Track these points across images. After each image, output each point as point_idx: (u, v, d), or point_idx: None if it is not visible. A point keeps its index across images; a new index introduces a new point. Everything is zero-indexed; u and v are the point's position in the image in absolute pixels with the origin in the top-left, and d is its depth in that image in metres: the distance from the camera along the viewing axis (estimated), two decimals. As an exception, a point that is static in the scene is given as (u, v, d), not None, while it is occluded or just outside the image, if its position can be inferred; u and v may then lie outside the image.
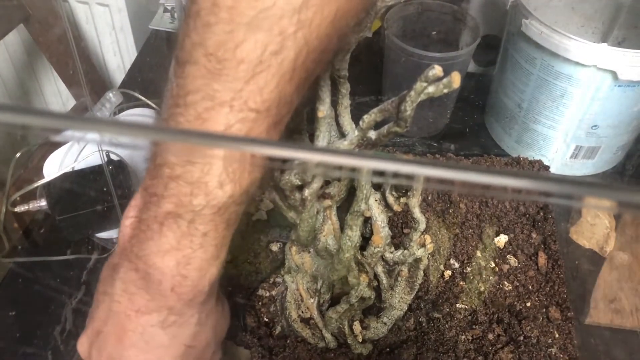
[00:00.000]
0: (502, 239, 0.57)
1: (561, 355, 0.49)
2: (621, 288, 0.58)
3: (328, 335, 0.49)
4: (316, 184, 0.38)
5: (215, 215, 0.32)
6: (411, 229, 0.45)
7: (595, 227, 0.64)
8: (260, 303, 0.54)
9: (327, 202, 0.44)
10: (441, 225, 0.59)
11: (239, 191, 0.31)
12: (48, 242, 0.63)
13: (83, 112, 0.80)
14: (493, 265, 0.56)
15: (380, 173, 0.40)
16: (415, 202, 0.43)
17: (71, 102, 1.08)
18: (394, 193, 0.45)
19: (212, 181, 0.31)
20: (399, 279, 0.49)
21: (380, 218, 0.46)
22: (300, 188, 0.40)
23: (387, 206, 0.46)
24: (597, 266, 0.61)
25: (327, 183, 0.45)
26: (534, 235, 0.58)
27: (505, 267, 0.56)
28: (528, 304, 0.53)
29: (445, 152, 0.69)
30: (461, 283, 0.54)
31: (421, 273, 0.49)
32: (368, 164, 0.17)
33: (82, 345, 0.37)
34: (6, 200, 0.61)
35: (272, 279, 0.55)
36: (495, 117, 0.74)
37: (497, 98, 0.73)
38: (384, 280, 0.49)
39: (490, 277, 0.55)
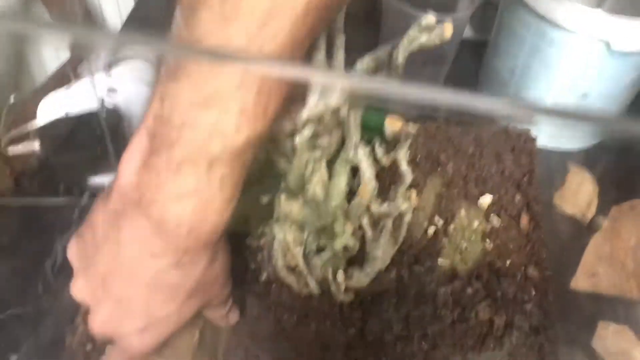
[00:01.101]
0: (486, 200, 0.58)
1: (536, 311, 0.50)
2: (605, 257, 0.60)
3: (312, 283, 0.50)
4: (307, 132, 0.39)
5: (233, 159, 0.32)
6: (397, 182, 0.46)
7: (578, 194, 0.66)
8: (247, 251, 0.55)
9: (318, 153, 0.45)
10: (427, 184, 0.60)
11: (255, 135, 0.32)
12: (39, 186, 0.64)
13: (79, 62, 0.79)
14: (476, 224, 0.57)
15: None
16: (402, 155, 0.44)
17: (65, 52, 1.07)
18: (382, 147, 0.46)
19: (229, 126, 0.31)
20: (384, 231, 0.50)
21: (368, 171, 0.47)
22: (292, 136, 0.41)
23: (376, 160, 0.47)
24: (579, 231, 0.63)
25: (318, 135, 0.46)
26: (517, 197, 0.59)
27: (488, 227, 0.57)
28: (508, 263, 0.54)
29: (435, 115, 0.70)
30: (444, 240, 0.56)
31: (405, 227, 0.51)
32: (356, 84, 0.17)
33: (80, 290, 0.38)
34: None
35: (260, 230, 0.56)
36: (488, 84, 0.75)
37: (491, 65, 0.73)
38: (368, 232, 0.51)
39: (473, 236, 0.56)
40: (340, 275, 0.51)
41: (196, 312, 0.40)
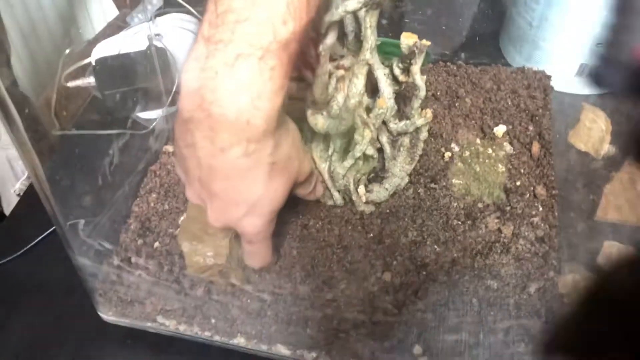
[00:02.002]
0: (500, 129, 0.63)
1: (542, 224, 0.55)
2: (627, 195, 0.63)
3: (336, 194, 0.56)
4: (329, 40, 0.44)
5: (280, 50, 0.37)
6: (412, 96, 0.51)
7: (591, 130, 0.69)
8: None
9: (341, 72, 0.50)
10: (446, 114, 0.65)
11: (299, 28, 0.37)
12: (94, 119, 0.71)
13: (127, 14, 0.86)
14: (490, 151, 0.62)
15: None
16: (416, 69, 0.49)
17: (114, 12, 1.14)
18: (400, 65, 0.51)
19: (277, 19, 0.36)
20: (401, 149, 0.56)
21: (387, 91, 0.52)
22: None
23: (395, 80, 0.52)
24: (590, 167, 0.66)
25: (342, 58, 0.51)
26: (530, 127, 0.63)
27: (501, 153, 0.61)
28: (518, 183, 0.58)
29: (456, 60, 0.74)
30: (459, 164, 0.61)
31: (421, 144, 0.56)
32: None
33: (192, 196, 0.45)
34: (60, 74, 0.68)
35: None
36: (508, 36, 0.79)
37: (511, 17, 0.77)
38: (387, 149, 0.56)
39: (487, 160, 0.61)
40: (362, 189, 0.56)
41: (288, 188, 0.44)
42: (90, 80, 0.69)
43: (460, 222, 0.55)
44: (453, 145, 0.62)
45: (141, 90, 0.69)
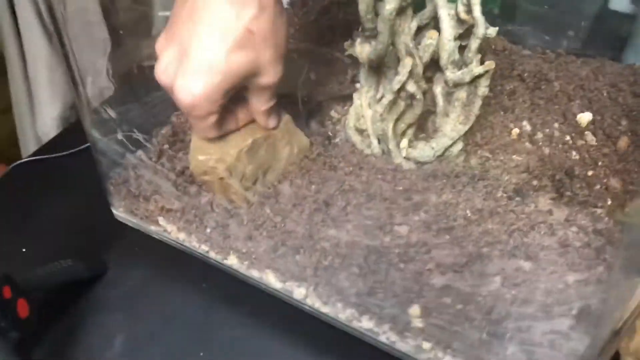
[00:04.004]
0: (585, 117, 0.54)
1: (606, 218, 0.46)
2: None
3: (375, 141, 0.52)
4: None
5: None
6: (471, 35, 0.45)
7: None
8: (330, 121, 0.58)
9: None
10: (526, 94, 0.58)
11: None
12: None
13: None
14: (568, 138, 0.54)
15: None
16: (476, 0, 0.43)
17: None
18: (465, 1, 0.46)
19: None
20: (456, 103, 0.50)
21: (448, 32, 0.47)
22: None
23: (460, 21, 0.47)
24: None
25: None
26: (624, 122, 0.54)
27: (580, 143, 0.53)
28: (590, 173, 0.50)
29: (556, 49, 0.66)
30: (527, 144, 0.53)
31: (479, 102, 0.49)
32: None
33: (160, 42, 0.42)
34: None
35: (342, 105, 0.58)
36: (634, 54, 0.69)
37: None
38: (440, 102, 0.50)
39: (560, 145, 0.53)
40: (405, 142, 0.51)
41: (247, 70, 0.40)
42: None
43: (505, 195, 0.48)
44: (525, 123, 0.55)
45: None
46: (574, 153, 0.52)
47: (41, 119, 0.88)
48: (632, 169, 0.50)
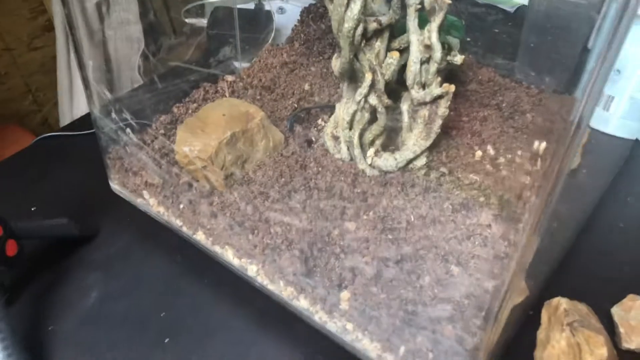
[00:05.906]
0: (542, 146, 0.58)
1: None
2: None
3: (344, 147, 0.57)
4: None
5: None
6: (429, 59, 0.50)
7: None
8: (315, 128, 0.64)
9: (374, 25, 0.52)
10: (497, 120, 0.62)
11: None
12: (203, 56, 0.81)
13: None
14: (527, 165, 0.57)
15: None
16: (434, 27, 0.48)
17: None
18: (429, 28, 0.51)
19: None
20: (419, 120, 0.55)
21: (415, 55, 0.52)
22: None
23: (428, 48, 0.52)
24: None
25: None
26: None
27: (535, 169, 0.57)
28: (533, 197, 0.54)
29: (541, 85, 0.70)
30: (487, 165, 0.57)
31: (439, 121, 0.54)
32: None
33: None
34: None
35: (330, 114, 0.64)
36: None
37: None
38: (405, 119, 0.55)
39: (517, 171, 0.57)
40: (371, 150, 0.56)
41: None
42: (203, 22, 0.79)
43: (451, 207, 0.52)
44: (489, 147, 0.59)
45: (241, 38, 0.77)
46: (528, 178, 0.56)
47: (77, 101, 0.97)
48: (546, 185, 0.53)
